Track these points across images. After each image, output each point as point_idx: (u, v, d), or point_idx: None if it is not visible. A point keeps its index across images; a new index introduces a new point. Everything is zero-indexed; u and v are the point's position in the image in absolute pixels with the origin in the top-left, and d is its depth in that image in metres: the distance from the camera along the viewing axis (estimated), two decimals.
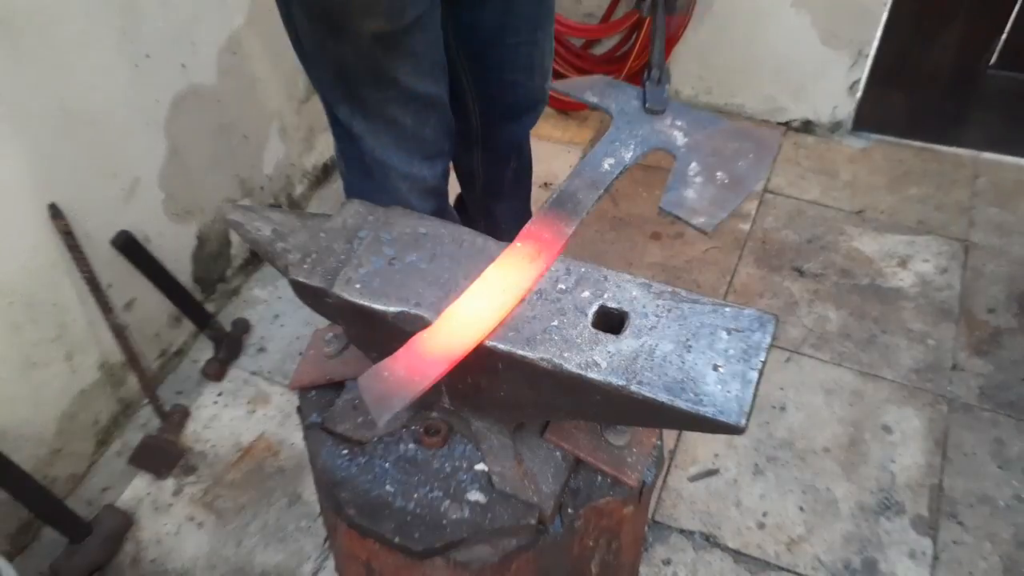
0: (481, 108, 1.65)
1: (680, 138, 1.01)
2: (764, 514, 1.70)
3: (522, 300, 0.85)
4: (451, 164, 1.62)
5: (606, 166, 0.98)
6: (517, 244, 0.90)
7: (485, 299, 0.84)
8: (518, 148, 1.84)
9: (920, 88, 2.51)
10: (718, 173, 0.96)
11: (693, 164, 0.97)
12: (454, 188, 1.84)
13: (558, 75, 2.59)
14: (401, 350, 0.81)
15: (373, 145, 1.42)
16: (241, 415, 1.91)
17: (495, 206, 1.91)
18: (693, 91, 2.78)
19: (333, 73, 1.35)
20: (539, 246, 0.89)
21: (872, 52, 2.47)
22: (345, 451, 1.05)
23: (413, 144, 1.43)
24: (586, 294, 0.85)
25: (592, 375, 0.77)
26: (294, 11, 1.29)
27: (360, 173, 1.49)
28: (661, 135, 1.02)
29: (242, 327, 2.08)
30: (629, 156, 0.99)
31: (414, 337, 0.82)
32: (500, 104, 1.65)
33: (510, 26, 1.49)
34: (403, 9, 1.22)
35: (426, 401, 1.04)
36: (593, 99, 1.08)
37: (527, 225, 0.92)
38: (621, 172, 0.98)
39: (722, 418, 0.73)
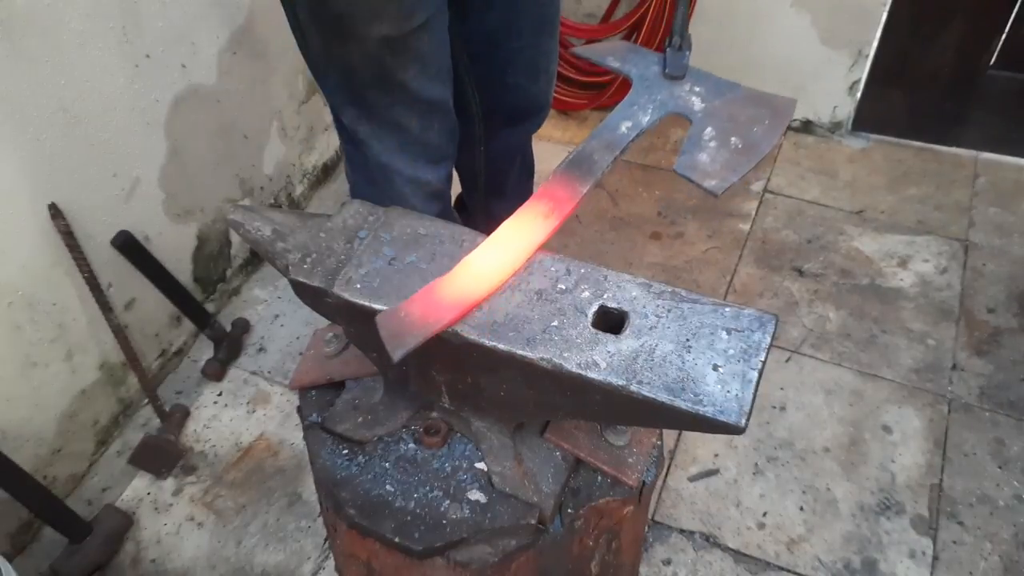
0: (484, 111, 1.65)
1: (698, 103, 1.02)
2: (764, 514, 1.70)
3: (531, 257, 0.88)
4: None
5: (623, 129, 0.99)
6: (532, 201, 0.93)
7: (500, 251, 0.88)
8: (521, 151, 1.84)
9: (920, 88, 2.51)
10: (732, 138, 0.97)
11: (708, 129, 0.98)
12: (454, 188, 1.84)
13: (559, 75, 2.58)
14: (418, 293, 0.84)
15: (378, 149, 1.42)
16: (241, 415, 1.91)
17: (496, 206, 1.91)
18: None
19: (339, 77, 1.34)
20: (553, 204, 0.92)
21: (872, 52, 2.47)
22: (345, 451, 1.05)
23: (418, 148, 1.43)
24: (586, 294, 0.85)
25: (592, 375, 0.78)
26: (300, 15, 1.28)
27: (365, 176, 1.49)
28: (679, 100, 1.02)
29: (242, 327, 2.08)
30: (646, 120, 1.00)
31: (431, 282, 0.85)
32: (503, 107, 1.65)
33: (514, 29, 1.49)
34: (411, 13, 1.22)
35: (426, 401, 1.04)
36: (615, 64, 1.09)
37: (543, 184, 0.94)
38: (638, 135, 0.99)
39: (722, 418, 0.74)
